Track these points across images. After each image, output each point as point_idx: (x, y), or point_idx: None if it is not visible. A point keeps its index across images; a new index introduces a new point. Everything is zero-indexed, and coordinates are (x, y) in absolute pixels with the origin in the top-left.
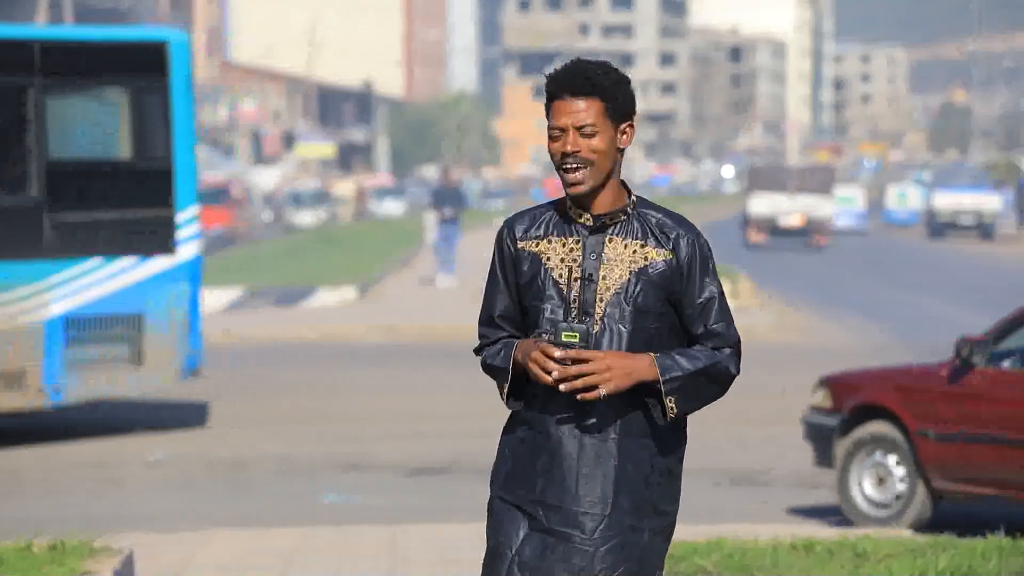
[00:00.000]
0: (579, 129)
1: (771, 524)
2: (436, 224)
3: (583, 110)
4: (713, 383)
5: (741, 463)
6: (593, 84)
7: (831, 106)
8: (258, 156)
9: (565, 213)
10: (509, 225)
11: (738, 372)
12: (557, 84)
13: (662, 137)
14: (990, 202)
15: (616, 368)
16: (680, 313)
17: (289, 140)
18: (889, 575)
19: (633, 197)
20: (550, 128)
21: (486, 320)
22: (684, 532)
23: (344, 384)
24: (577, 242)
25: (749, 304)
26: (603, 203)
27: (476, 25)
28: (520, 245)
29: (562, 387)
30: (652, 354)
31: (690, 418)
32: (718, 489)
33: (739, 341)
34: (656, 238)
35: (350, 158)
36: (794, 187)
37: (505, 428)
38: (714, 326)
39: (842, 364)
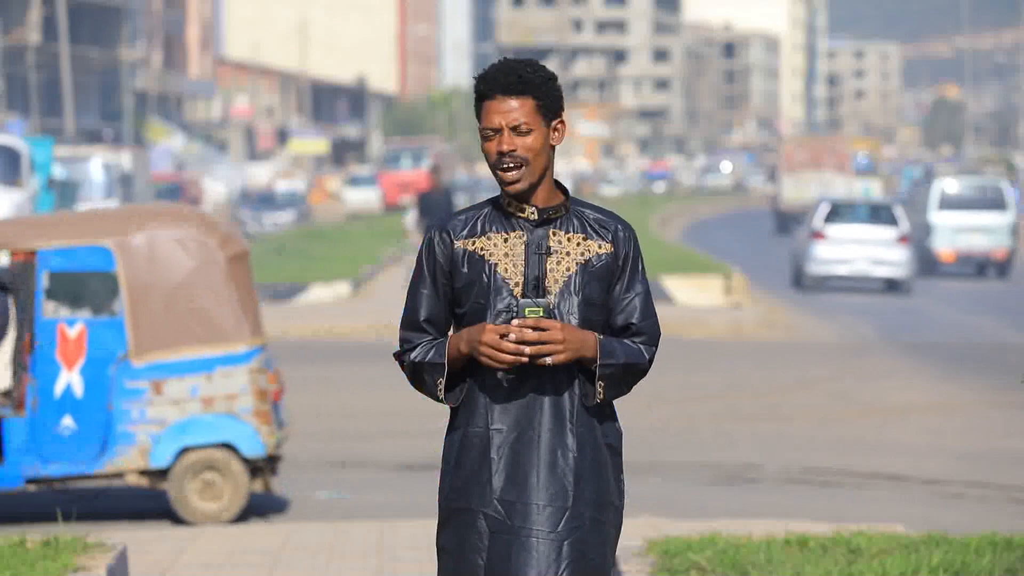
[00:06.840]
0: (513, 128)
1: (764, 520)
2: (419, 228)
3: (516, 109)
4: (636, 377)
5: (729, 460)
6: (525, 82)
7: (825, 102)
8: (251, 152)
9: (503, 209)
10: (442, 226)
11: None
12: (488, 84)
13: (655, 133)
14: None
15: (568, 342)
16: (607, 304)
17: (282, 136)
18: (883, 571)
19: (568, 195)
20: (483, 128)
21: (411, 324)
22: (677, 528)
23: (336, 380)
24: (520, 236)
25: (740, 300)
26: (541, 199)
27: (469, 21)
28: (458, 245)
29: (511, 343)
30: (598, 335)
31: (678, 415)
32: (707, 486)
33: (659, 335)
34: (596, 232)
35: (343, 154)
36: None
37: (449, 429)
38: (642, 323)
39: (827, 360)
